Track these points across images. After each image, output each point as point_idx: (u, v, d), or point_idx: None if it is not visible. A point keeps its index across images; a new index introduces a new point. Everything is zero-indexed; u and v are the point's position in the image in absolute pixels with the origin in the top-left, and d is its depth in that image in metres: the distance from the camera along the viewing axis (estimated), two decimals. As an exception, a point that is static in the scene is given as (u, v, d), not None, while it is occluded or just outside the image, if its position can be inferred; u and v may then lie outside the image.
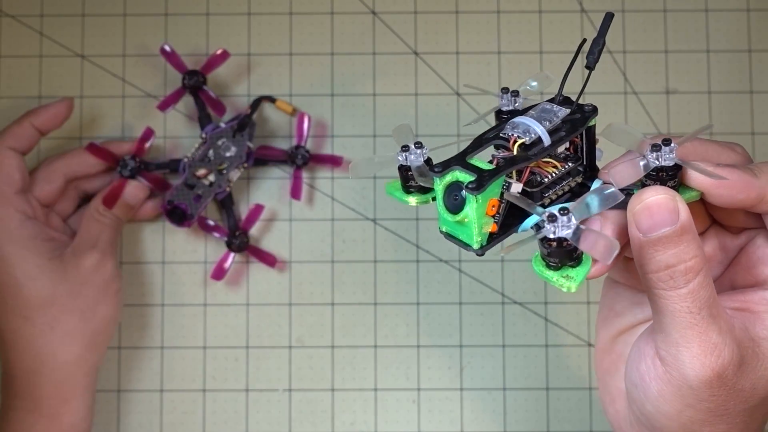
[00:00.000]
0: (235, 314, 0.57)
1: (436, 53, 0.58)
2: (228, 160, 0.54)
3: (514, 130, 0.34)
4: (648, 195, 0.32)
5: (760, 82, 0.58)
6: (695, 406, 0.34)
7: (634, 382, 0.36)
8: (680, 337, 0.33)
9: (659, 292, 0.33)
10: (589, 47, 0.36)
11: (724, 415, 0.34)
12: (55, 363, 0.50)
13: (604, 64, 0.58)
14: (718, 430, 0.35)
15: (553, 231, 0.31)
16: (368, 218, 0.57)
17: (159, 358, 0.57)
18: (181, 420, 0.56)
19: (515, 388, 0.56)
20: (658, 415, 0.35)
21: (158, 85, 0.58)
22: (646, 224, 0.32)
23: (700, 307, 0.33)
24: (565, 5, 0.58)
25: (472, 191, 0.32)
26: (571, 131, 0.35)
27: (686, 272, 0.33)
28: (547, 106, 0.36)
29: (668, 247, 0.32)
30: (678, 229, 0.32)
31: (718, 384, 0.33)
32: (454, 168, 0.34)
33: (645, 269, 0.33)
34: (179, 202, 0.54)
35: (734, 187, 0.34)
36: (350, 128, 0.57)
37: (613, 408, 0.40)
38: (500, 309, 0.57)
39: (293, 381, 0.56)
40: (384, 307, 0.57)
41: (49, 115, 0.53)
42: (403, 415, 0.56)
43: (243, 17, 0.58)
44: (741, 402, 0.34)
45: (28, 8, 0.58)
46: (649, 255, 0.33)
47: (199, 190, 0.54)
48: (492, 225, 0.34)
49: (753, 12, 0.58)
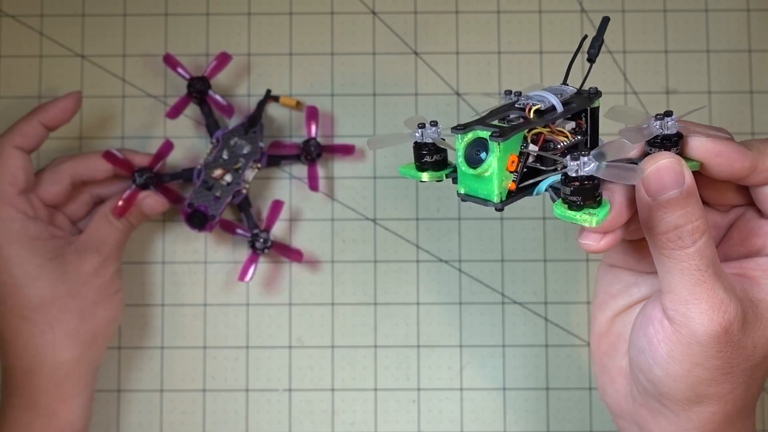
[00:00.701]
0: (235, 314, 0.57)
1: (436, 53, 0.58)
2: (244, 157, 0.54)
3: (529, 99, 0.36)
4: (657, 159, 0.34)
5: (760, 82, 0.58)
6: (703, 364, 0.36)
7: (641, 348, 0.38)
8: (689, 294, 0.35)
9: (669, 252, 0.35)
10: (590, 43, 0.38)
11: (729, 374, 0.36)
12: (54, 362, 0.50)
13: (604, 64, 0.58)
14: (723, 390, 0.37)
15: (576, 169, 0.33)
16: (368, 218, 0.57)
17: (159, 358, 0.57)
18: (181, 420, 0.56)
19: (515, 388, 0.56)
20: (666, 379, 0.37)
21: (158, 85, 0.58)
22: (655, 186, 0.34)
23: (707, 264, 0.35)
24: (565, 5, 0.58)
25: (497, 138, 0.34)
26: (580, 105, 0.37)
27: (693, 232, 0.35)
28: (555, 86, 0.38)
29: (676, 209, 0.34)
30: (685, 191, 0.34)
31: (725, 339, 0.35)
32: (476, 127, 0.35)
33: (654, 231, 0.35)
34: (199, 205, 0.53)
35: (731, 156, 0.36)
36: (350, 128, 0.57)
37: (613, 388, 0.42)
38: (500, 309, 0.57)
39: (293, 381, 0.56)
40: (384, 307, 0.57)
41: (57, 110, 0.52)
42: (403, 415, 0.56)
43: (243, 17, 0.58)
44: (744, 360, 0.36)
45: (28, 8, 0.58)
46: (658, 217, 0.35)
47: (217, 192, 0.54)
48: (511, 182, 0.35)
49: (753, 12, 0.58)
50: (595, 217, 0.33)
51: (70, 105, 0.52)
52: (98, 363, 0.53)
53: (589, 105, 0.38)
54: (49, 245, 0.51)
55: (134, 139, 0.57)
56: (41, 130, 0.52)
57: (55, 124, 0.52)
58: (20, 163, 0.51)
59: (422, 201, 0.57)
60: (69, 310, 0.50)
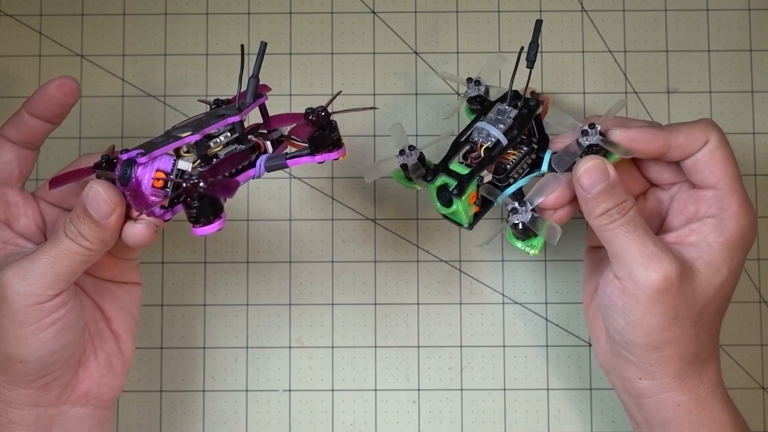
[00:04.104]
0: (235, 314, 0.57)
1: (436, 53, 0.58)
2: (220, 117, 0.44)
3: (479, 135, 0.46)
4: (585, 163, 0.44)
5: (761, 82, 0.58)
6: (652, 311, 0.43)
7: (606, 305, 0.45)
8: (625, 253, 0.43)
9: (605, 227, 0.44)
10: (527, 52, 0.46)
11: (676, 318, 0.43)
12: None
13: (605, 64, 0.58)
14: (674, 334, 0.44)
15: (516, 220, 0.45)
16: (368, 218, 0.57)
17: (159, 358, 0.57)
18: (181, 420, 0.56)
19: (515, 389, 0.56)
20: (627, 327, 0.44)
21: (158, 85, 0.58)
22: (587, 183, 0.43)
23: (635, 227, 0.43)
24: (566, 5, 0.58)
25: (457, 196, 0.45)
26: (521, 127, 0.47)
27: (621, 210, 0.43)
28: (500, 107, 0.47)
29: (605, 197, 0.43)
30: (610, 183, 0.43)
31: (665, 287, 0.43)
32: (441, 174, 0.46)
33: (592, 215, 0.44)
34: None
35: (644, 139, 0.44)
36: (350, 128, 0.57)
37: (599, 346, 0.49)
38: (500, 309, 0.57)
39: (293, 381, 0.56)
40: (384, 307, 0.57)
41: (40, 97, 0.46)
42: (403, 416, 0.56)
43: (243, 17, 0.58)
44: (687, 307, 0.43)
45: (27, 7, 0.58)
46: (593, 206, 0.44)
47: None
48: (474, 207, 0.47)
49: (754, 11, 0.58)
50: (534, 249, 0.46)
51: (52, 90, 0.46)
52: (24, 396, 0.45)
53: (529, 121, 0.47)
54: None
55: (134, 139, 0.57)
56: (28, 119, 0.46)
57: (38, 111, 0.46)
58: (2, 150, 0.47)
59: (422, 201, 0.57)
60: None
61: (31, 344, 0.42)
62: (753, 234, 0.45)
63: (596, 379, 0.56)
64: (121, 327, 0.48)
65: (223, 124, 0.43)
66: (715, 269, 0.44)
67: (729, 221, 0.44)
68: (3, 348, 0.43)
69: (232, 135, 0.43)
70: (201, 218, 0.40)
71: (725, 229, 0.44)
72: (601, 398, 0.56)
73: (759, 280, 0.57)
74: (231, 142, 0.44)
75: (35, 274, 0.42)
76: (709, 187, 0.45)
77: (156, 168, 0.41)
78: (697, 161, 0.45)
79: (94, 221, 0.41)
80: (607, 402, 0.56)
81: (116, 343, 0.48)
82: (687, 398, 0.45)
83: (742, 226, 0.45)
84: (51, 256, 0.42)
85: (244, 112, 0.43)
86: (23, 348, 0.42)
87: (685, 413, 0.46)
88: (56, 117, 0.47)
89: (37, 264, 0.42)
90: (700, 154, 0.45)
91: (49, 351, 0.43)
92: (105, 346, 0.47)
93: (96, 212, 0.41)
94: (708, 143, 0.45)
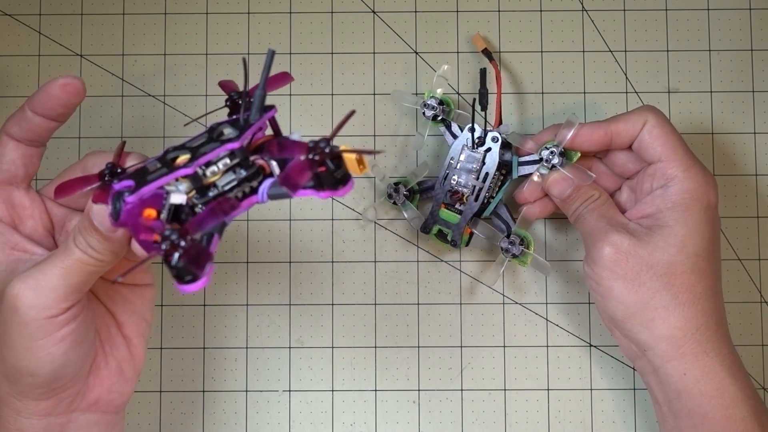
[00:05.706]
0: (235, 314, 0.57)
1: (436, 53, 0.58)
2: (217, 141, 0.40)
3: (458, 186, 0.54)
4: (551, 176, 0.52)
5: (762, 81, 0.58)
6: (613, 277, 0.48)
7: (590, 287, 0.50)
8: (587, 237, 0.50)
9: (577, 222, 0.51)
10: (479, 102, 0.55)
11: (639, 281, 0.47)
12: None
13: (605, 64, 0.58)
14: (643, 296, 0.47)
15: (510, 253, 0.53)
16: (368, 218, 0.57)
17: (158, 358, 0.57)
18: (181, 420, 0.56)
19: (515, 389, 0.56)
20: (603, 302, 0.49)
21: (158, 85, 0.58)
22: (557, 192, 0.51)
23: (598, 216, 0.50)
24: (566, 4, 0.58)
25: (456, 246, 0.55)
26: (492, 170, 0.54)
27: (587, 206, 0.50)
28: (468, 153, 0.54)
29: (576, 199, 0.51)
30: (574, 189, 0.51)
31: (617, 255, 0.48)
32: (434, 224, 0.55)
33: (568, 212, 0.52)
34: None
35: (585, 133, 0.50)
36: (350, 127, 0.57)
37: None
38: (500, 309, 0.57)
39: (293, 381, 0.56)
40: (384, 307, 0.57)
41: (40, 95, 0.44)
42: (403, 416, 0.56)
43: (243, 17, 0.58)
44: (648, 268, 0.47)
45: (26, 7, 0.58)
46: (567, 205, 0.52)
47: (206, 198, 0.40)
48: (467, 229, 0.54)
49: (755, 11, 0.58)
50: (525, 264, 0.53)
51: (57, 91, 0.44)
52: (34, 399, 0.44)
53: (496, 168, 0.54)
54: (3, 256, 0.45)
55: (134, 139, 0.57)
56: (32, 117, 0.44)
57: (40, 109, 0.44)
58: (5, 148, 0.46)
59: (422, 201, 0.57)
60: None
61: (41, 358, 0.41)
62: (705, 193, 0.48)
63: (596, 379, 0.56)
64: (133, 331, 0.47)
65: (223, 150, 0.38)
66: (669, 230, 0.48)
67: (674, 187, 0.49)
68: (13, 361, 0.42)
69: (232, 161, 0.39)
70: (185, 276, 0.36)
71: (672, 194, 0.49)
72: (602, 398, 0.56)
73: (759, 280, 0.57)
74: (232, 168, 0.39)
75: (47, 287, 0.41)
76: (654, 161, 0.50)
77: (146, 207, 0.38)
78: (641, 141, 0.50)
79: (101, 234, 0.40)
80: (607, 402, 0.56)
81: (127, 349, 0.47)
82: (691, 366, 0.47)
83: (688, 189, 0.48)
84: (62, 267, 0.41)
85: (244, 136, 0.39)
86: (33, 362, 0.41)
87: (693, 382, 0.47)
88: (61, 116, 0.45)
89: (49, 276, 0.41)
90: (641, 135, 0.50)
91: (61, 365, 0.42)
92: (116, 352, 0.47)
93: (102, 226, 0.40)
94: (646, 124, 0.49)
